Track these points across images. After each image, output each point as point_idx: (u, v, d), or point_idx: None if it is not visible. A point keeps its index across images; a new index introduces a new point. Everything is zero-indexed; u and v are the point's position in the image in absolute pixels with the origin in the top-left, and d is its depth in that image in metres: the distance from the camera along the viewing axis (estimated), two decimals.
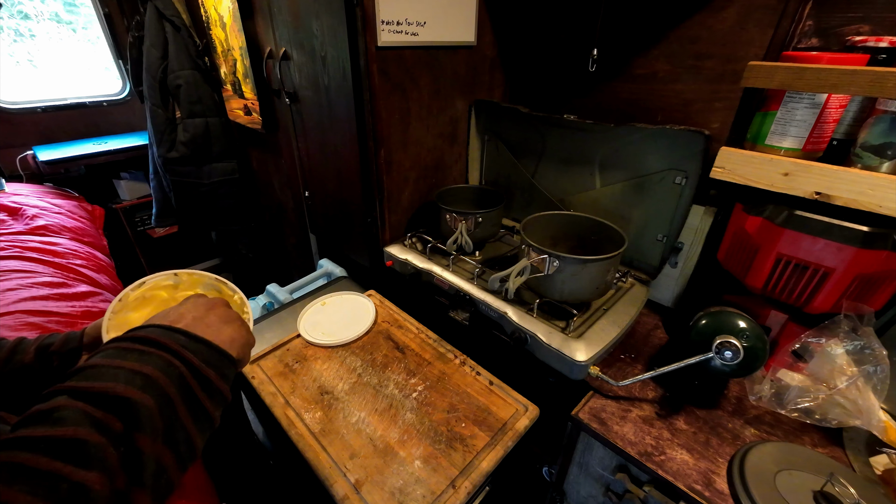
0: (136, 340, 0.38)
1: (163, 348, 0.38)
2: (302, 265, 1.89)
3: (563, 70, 1.14)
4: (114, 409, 0.32)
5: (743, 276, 0.82)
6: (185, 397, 0.37)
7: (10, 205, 1.67)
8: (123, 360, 0.35)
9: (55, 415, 0.30)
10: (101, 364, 0.35)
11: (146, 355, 0.37)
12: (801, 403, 0.70)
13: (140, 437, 0.32)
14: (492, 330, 0.95)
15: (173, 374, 0.37)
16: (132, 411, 0.32)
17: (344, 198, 1.25)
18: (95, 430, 0.30)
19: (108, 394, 0.32)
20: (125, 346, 0.38)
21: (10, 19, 2.03)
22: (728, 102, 0.88)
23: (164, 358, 0.37)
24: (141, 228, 2.36)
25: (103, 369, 0.34)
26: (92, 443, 0.29)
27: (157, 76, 1.76)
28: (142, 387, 0.34)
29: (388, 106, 1.01)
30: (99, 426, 0.30)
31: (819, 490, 0.59)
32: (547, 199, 1.19)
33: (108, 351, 0.37)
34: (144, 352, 0.37)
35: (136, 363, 0.35)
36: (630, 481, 0.72)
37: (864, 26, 0.72)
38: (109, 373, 0.34)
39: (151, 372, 0.35)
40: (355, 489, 0.67)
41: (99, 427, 0.30)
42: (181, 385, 0.37)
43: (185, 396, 0.37)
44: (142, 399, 0.33)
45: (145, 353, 0.37)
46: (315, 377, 0.88)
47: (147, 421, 0.33)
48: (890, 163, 0.62)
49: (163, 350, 0.38)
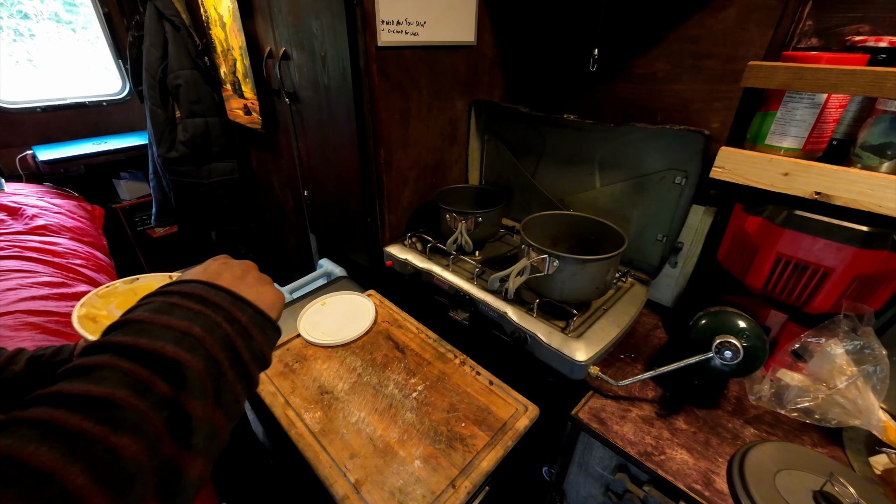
0: (183, 296, 0.36)
1: (212, 307, 0.36)
2: (302, 265, 1.89)
3: (563, 70, 1.14)
4: (161, 371, 0.30)
5: (743, 275, 0.82)
6: (232, 362, 0.35)
7: (10, 204, 1.67)
8: (171, 316, 0.33)
9: (95, 373, 0.28)
10: (147, 320, 0.33)
11: (194, 313, 0.35)
12: (800, 403, 0.70)
13: (190, 401, 0.30)
14: (492, 330, 0.95)
15: (220, 336, 0.35)
16: (181, 374, 0.31)
17: (344, 198, 1.25)
18: (135, 394, 0.28)
19: (156, 353, 0.30)
20: (172, 301, 0.35)
21: (10, 19, 2.03)
22: (728, 102, 0.88)
23: (213, 319, 0.35)
24: (141, 228, 2.37)
25: (150, 326, 0.32)
26: (129, 407, 0.27)
27: (157, 76, 1.76)
28: (191, 348, 0.32)
29: (388, 106, 1.01)
30: (141, 388, 0.28)
31: (819, 490, 0.59)
32: (547, 198, 1.19)
33: (153, 304, 0.35)
34: (192, 309, 0.35)
35: (185, 321, 0.33)
36: (630, 481, 0.72)
37: (864, 26, 0.72)
38: (156, 330, 0.32)
39: (200, 333, 0.33)
40: (355, 489, 0.67)
41: (140, 389, 0.28)
42: (229, 348, 0.35)
43: (232, 361, 0.35)
44: (191, 362, 0.31)
45: (193, 311, 0.35)
46: (315, 377, 0.88)
47: (197, 384, 0.31)
48: (890, 163, 0.62)
49: (211, 309, 0.36)
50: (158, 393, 0.29)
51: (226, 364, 0.34)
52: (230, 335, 0.36)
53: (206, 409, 0.31)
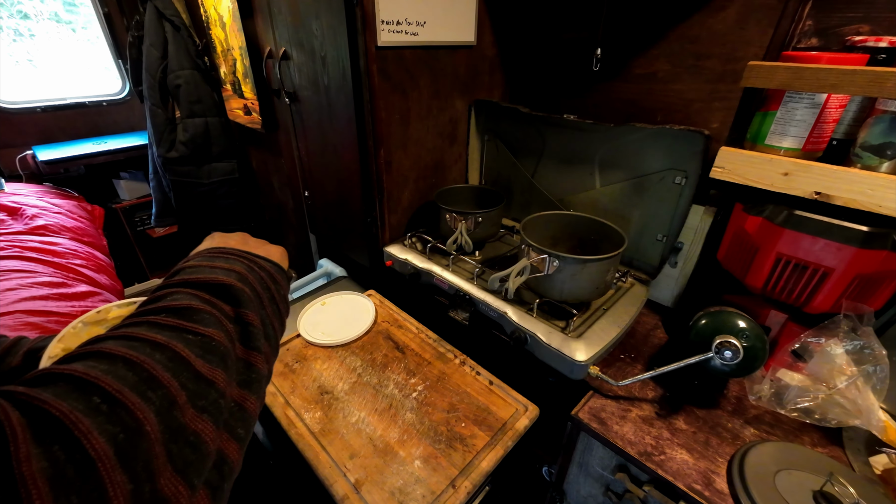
0: (215, 251, 0.41)
1: (242, 256, 0.41)
2: (302, 265, 1.89)
3: (563, 70, 1.14)
4: (220, 295, 0.35)
5: (743, 275, 0.82)
6: (269, 300, 0.40)
7: (10, 205, 1.67)
8: (213, 262, 0.39)
9: (169, 298, 0.33)
10: (196, 265, 0.38)
11: (231, 260, 0.40)
12: (800, 403, 0.70)
13: (248, 313, 0.36)
14: (492, 330, 0.95)
15: (257, 276, 0.40)
16: (235, 295, 0.36)
17: (344, 198, 1.25)
18: (208, 305, 0.33)
19: (211, 283, 0.35)
20: (210, 255, 0.40)
21: (10, 19, 2.03)
22: (728, 102, 0.88)
23: (246, 263, 0.41)
24: (141, 228, 2.36)
25: (200, 268, 0.37)
26: (206, 312, 0.33)
27: (157, 76, 1.76)
28: (238, 279, 0.37)
29: (388, 106, 1.01)
30: (209, 303, 0.34)
31: (818, 490, 0.59)
32: (547, 198, 1.19)
33: (194, 259, 0.40)
34: (229, 258, 0.40)
35: (226, 264, 0.39)
36: (630, 481, 0.72)
37: (864, 26, 0.72)
38: (206, 269, 0.37)
39: (241, 270, 0.39)
40: (355, 489, 0.67)
41: (209, 303, 0.34)
42: (265, 287, 0.40)
43: (269, 299, 0.40)
44: (242, 288, 0.37)
45: (231, 258, 0.40)
46: (315, 377, 0.88)
47: (249, 302, 0.37)
48: (889, 163, 0.62)
49: (242, 258, 0.41)
50: (224, 309, 0.35)
51: (265, 299, 0.40)
52: (264, 278, 0.41)
53: (261, 315, 0.38)
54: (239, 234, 0.49)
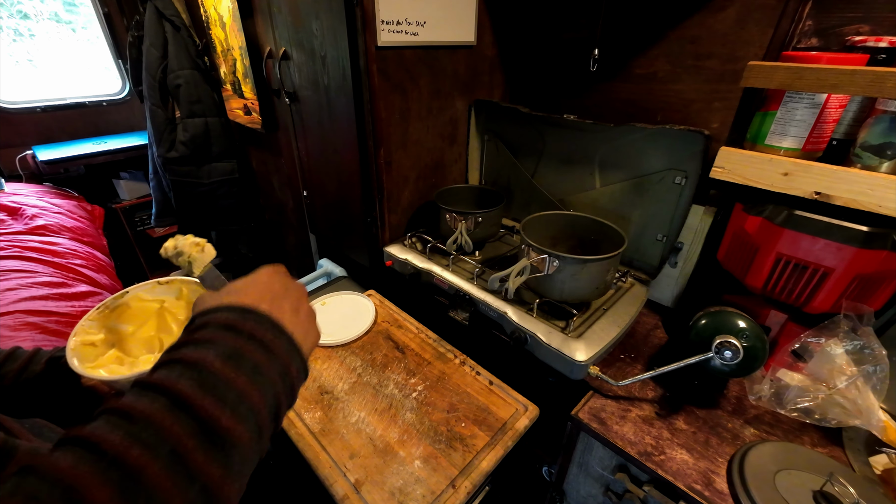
0: (252, 339, 0.35)
1: (273, 359, 0.36)
2: (302, 265, 1.89)
3: (563, 70, 1.14)
4: (214, 441, 0.30)
5: (743, 275, 0.82)
6: (273, 423, 0.35)
7: (10, 205, 1.67)
8: (238, 370, 0.33)
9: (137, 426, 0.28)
10: (216, 372, 0.32)
11: (257, 370, 0.34)
12: (800, 403, 0.70)
13: (226, 483, 0.30)
14: (492, 330, 0.95)
15: (271, 400, 0.34)
16: (229, 443, 0.30)
17: (344, 198, 1.25)
18: (167, 465, 0.27)
19: (212, 423, 0.30)
20: (240, 344, 0.34)
21: (10, 19, 2.03)
22: (728, 102, 0.88)
23: (270, 378, 0.35)
24: (140, 228, 2.37)
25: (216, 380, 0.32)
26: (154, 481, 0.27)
27: (157, 76, 1.76)
28: (244, 419, 0.32)
29: (388, 106, 1.01)
30: (176, 459, 0.28)
31: (819, 490, 0.59)
32: (547, 198, 1.19)
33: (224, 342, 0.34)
34: (257, 363, 0.34)
35: (247, 381, 0.33)
36: (630, 481, 0.72)
37: (864, 26, 0.72)
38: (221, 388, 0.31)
39: (257, 401, 0.33)
40: (355, 489, 0.67)
41: (175, 460, 0.28)
42: (273, 414, 0.35)
43: (273, 422, 0.35)
44: (241, 435, 0.31)
45: (257, 366, 0.34)
46: (315, 377, 0.88)
47: (238, 457, 0.31)
48: (889, 163, 0.62)
49: (272, 362, 0.35)
50: (194, 463, 0.28)
51: (267, 432, 0.34)
52: (279, 396, 0.35)
53: (230, 479, 0.31)
54: (297, 293, 0.44)
